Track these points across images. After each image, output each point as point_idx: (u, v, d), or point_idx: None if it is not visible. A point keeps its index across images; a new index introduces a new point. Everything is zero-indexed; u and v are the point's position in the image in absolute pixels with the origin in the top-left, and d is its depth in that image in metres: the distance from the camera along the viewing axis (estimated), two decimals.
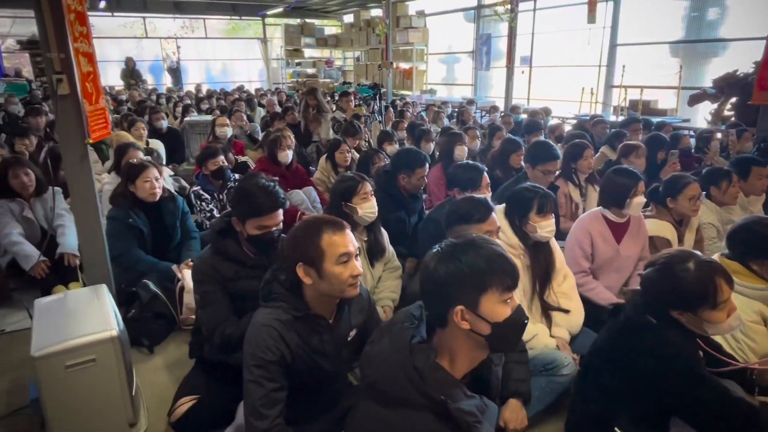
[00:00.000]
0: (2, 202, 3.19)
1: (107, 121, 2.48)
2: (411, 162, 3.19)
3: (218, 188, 3.87)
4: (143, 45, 15.01)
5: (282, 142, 4.21)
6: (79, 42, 2.23)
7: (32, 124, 5.75)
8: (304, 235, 1.59)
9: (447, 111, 8.64)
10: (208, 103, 9.16)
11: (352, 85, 14.03)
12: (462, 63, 12.94)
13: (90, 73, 2.33)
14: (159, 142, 5.49)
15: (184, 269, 2.87)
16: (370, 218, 2.55)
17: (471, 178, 2.68)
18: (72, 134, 2.29)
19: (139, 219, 2.96)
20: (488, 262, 1.17)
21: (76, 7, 2.24)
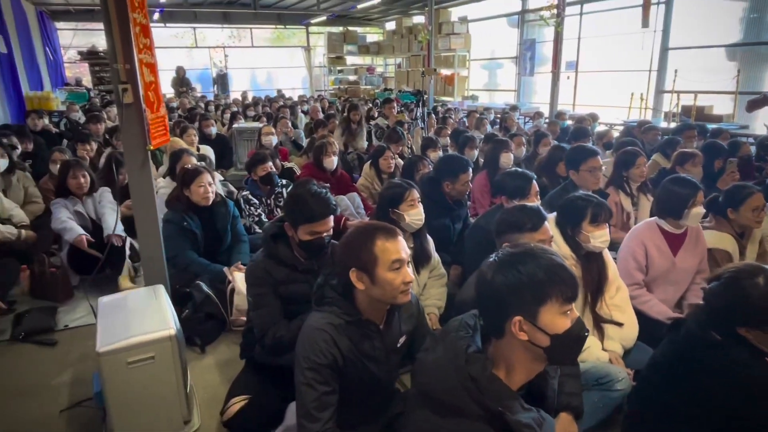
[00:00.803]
0: (61, 199, 3.48)
1: (166, 128, 2.59)
2: (454, 168, 3.18)
3: (266, 193, 3.97)
4: (193, 54, 15.62)
5: (328, 149, 4.28)
6: (143, 53, 2.35)
7: (92, 131, 6.07)
8: (357, 241, 1.61)
9: (489, 117, 8.56)
10: (254, 110, 9.42)
11: (393, 91, 14.12)
12: (504, 68, 12.81)
13: (152, 82, 2.45)
14: (209, 148, 5.69)
15: (234, 272, 2.96)
16: (416, 225, 2.55)
17: (519, 186, 2.64)
18: (135, 141, 2.40)
19: (192, 222, 3.07)
20: (548, 273, 1.15)
21: (141, 20, 2.36)
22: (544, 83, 10.25)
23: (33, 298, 3.27)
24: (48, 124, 7.07)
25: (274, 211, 4.02)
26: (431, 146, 4.79)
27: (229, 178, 5.83)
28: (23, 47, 9.19)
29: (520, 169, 2.77)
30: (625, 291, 2.33)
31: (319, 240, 2.09)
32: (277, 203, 4.01)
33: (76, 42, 14.22)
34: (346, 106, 9.63)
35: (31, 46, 9.95)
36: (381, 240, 1.59)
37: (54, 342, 2.81)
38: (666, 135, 5.61)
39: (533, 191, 2.65)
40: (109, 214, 3.45)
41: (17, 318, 2.99)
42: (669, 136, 5.01)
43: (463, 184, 3.18)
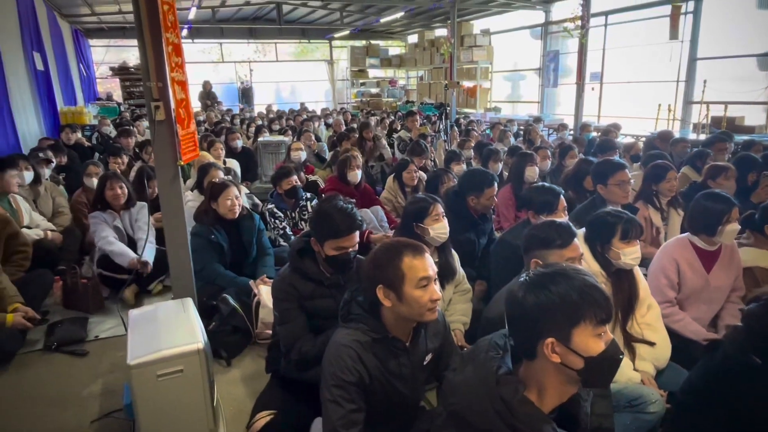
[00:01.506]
0: (99, 213, 3.53)
1: (196, 144, 2.65)
2: (479, 183, 3.17)
3: (291, 206, 4.02)
4: (219, 68, 16.00)
5: (351, 163, 4.31)
6: (174, 72, 2.41)
7: (123, 144, 6.25)
8: (385, 258, 1.61)
9: (513, 129, 8.51)
10: (278, 124, 9.55)
11: (415, 103, 14.18)
12: (527, 80, 12.75)
13: (183, 100, 2.51)
14: (235, 161, 5.79)
15: (260, 285, 2.99)
16: (441, 239, 2.54)
17: (547, 201, 2.61)
18: (166, 156, 2.46)
19: (219, 235, 3.12)
20: (581, 294, 1.13)
21: (174, 39, 2.43)
22: (568, 94, 10.16)
23: (65, 309, 3.36)
24: (81, 138, 7.30)
25: (299, 224, 4.05)
26: (455, 159, 4.78)
27: (254, 190, 5.91)
28: (59, 64, 9.54)
29: (548, 184, 2.74)
30: (656, 309, 2.27)
31: (345, 255, 2.09)
32: (301, 216, 4.05)
33: (107, 58, 14.72)
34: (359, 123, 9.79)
35: (66, 63, 10.33)
36: (408, 257, 1.59)
37: (85, 352, 2.87)
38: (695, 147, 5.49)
39: (561, 206, 2.62)
40: (148, 241, 3.54)
41: (50, 328, 3.07)
42: (699, 148, 4.90)
43: (489, 198, 3.16)
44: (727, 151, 4.86)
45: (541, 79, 11.66)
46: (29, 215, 3.87)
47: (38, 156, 4.62)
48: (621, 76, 9.68)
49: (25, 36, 7.16)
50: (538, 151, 4.80)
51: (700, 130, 7.32)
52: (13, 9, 6.81)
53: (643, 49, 9.19)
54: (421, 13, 12.75)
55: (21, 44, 7.02)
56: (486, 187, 3.14)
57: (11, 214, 3.68)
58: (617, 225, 2.14)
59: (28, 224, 3.81)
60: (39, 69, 7.85)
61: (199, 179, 3.99)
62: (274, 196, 4.12)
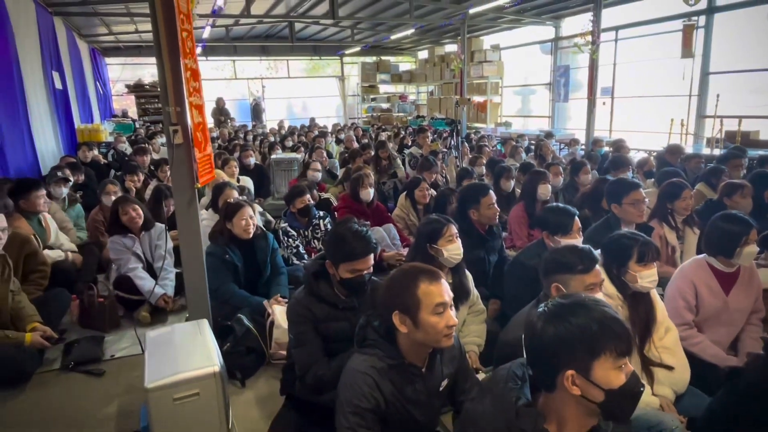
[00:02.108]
0: (117, 238, 3.55)
1: (212, 166, 2.69)
2: (474, 194, 3.19)
3: (304, 225, 4.04)
4: (232, 85, 16.22)
5: (364, 181, 4.34)
6: (192, 96, 2.46)
7: (139, 162, 6.35)
8: (400, 284, 1.62)
9: (524, 144, 8.51)
10: (291, 140, 9.63)
11: (426, 118, 14.24)
12: (538, 94, 12.77)
13: (200, 123, 2.56)
14: (248, 179, 5.84)
15: (273, 304, 3.00)
16: (455, 260, 2.54)
17: (562, 223, 2.61)
18: (183, 179, 2.50)
19: (234, 255, 3.15)
20: (601, 326, 1.13)
21: (192, 65, 2.48)
22: (579, 109, 10.15)
23: (81, 327, 3.39)
24: (97, 155, 7.43)
25: (312, 243, 4.07)
26: (467, 177, 4.79)
27: (267, 207, 5.95)
28: (77, 83, 9.76)
29: (562, 205, 2.74)
30: (674, 332, 2.24)
31: (360, 278, 2.10)
32: (314, 235, 4.07)
33: (123, 75, 15.03)
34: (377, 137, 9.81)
35: (83, 82, 10.56)
36: (424, 283, 1.60)
37: (102, 372, 2.89)
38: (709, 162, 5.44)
39: (576, 228, 2.61)
40: (170, 272, 3.62)
41: (67, 347, 3.11)
42: (713, 164, 4.86)
43: (488, 207, 3.16)
44: (743, 167, 4.81)
45: (552, 93, 11.67)
46: (56, 234, 3.94)
47: (56, 175, 4.71)
48: (632, 91, 9.67)
49: (45, 56, 7.35)
50: (549, 167, 4.80)
51: (713, 145, 7.26)
52: (35, 30, 7.00)
53: (654, 64, 9.17)
54: (432, 30, 12.86)
55: (41, 64, 7.20)
56: (481, 196, 3.16)
57: (40, 233, 3.75)
58: (633, 248, 2.13)
59: (52, 243, 3.87)
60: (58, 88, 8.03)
61: (214, 198, 4.03)
62: (287, 215, 4.15)
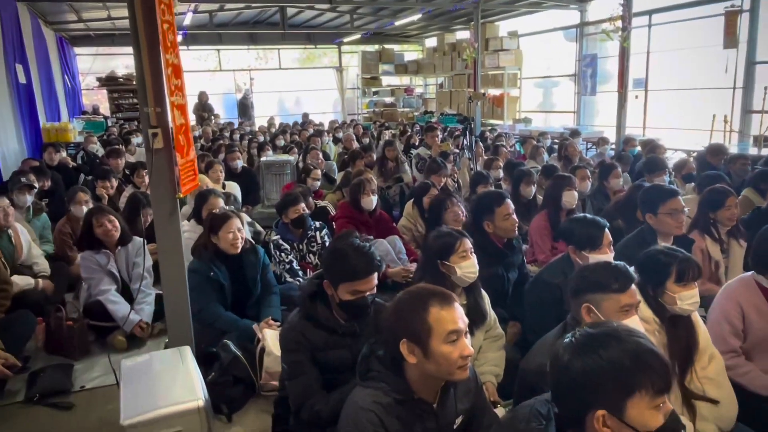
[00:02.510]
0: (89, 254, 3.58)
1: (196, 172, 2.72)
2: (488, 203, 3.20)
3: (298, 237, 4.06)
4: (216, 77, 16.35)
5: (366, 187, 4.35)
6: (174, 95, 2.49)
7: (112, 166, 6.39)
8: (409, 309, 1.63)
9: (546, 143, 8.53)
10: (282, 139, 9.67)
11: (435, 114, 14.29)
12: (561, 87, 12.81)
13: (182, 125, 2.59)
14: (235, 185, 5.88)
15: (264, 329, 3.01)
16: (470, 279, 2.55)
17: (590, 236, 2.62)
18: (164, 188, 2.53)
19: (220, 272, 3.17)
20: (635, 360, 1.14)
21: (173, 60, 2.51)
22: (608, 103, 10.17)
23: (48, 354, 3.41)
24: (65, 158, 7.48)
25: (307, 257, 4.09)
26: (482, 182, 4.80)
27: (256, 216, 5.96)
28: (42, 76, 9.84)
29: (590, 216, 2.74)
30: (719, 361, 2.24)
31: (362, 300, 2.11)
32: (309, 248, 4.09)
33: (95, 67, 15.15)
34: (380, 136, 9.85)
35: (50, 75, 10.65)
36: (435, 308, 1.61)
37: (71, 406, 2.90)
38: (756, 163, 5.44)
39: (606, 241, 2.62)
40: (149, 296, 3.64)
41: (32, 377, 3.11)
42: (761, 166, 4.86)
43: (505, 218, 3.15)
44: None
45: (577, 86, 11.71)
46: (28, 249, 3.96)
47: (20, 181, 4.73)
48: (668, 83, 9.68)
49: (7, 47, 7.43)
50: (576, 170, 4.81)
51: (761, 144, 7.26)
52: None
53: (693, 52, 9.19)
54: (441, 15, 12.93)
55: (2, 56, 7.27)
56: (496, 205, 3.17)
57: (9, 251, 3.78)
58: (671, 266, 2.13)
59: (23, 261, 3.90)
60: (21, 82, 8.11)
61: (197, 208, 4.06)
62: (279, 226, 4.16)
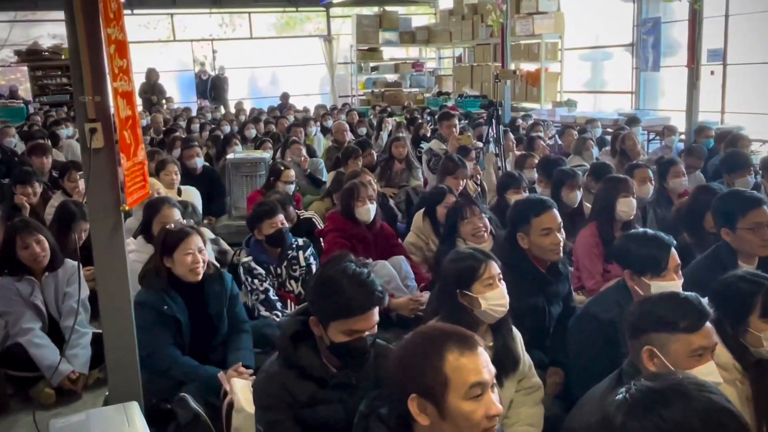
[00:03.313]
0: (8, 281, 3.60)
1: (146, 178, 2.75)
2: (525, 210, 3.22)
3: (275, 259, 4.09)
4: (169, 50, 16.46)
5: (362, 193, 4.38)
6: (119, 80, 2.53)
7: (36, 166, 6.42)
8: (419, 355, 1.65)
9: (596, 133, 8.56)
10: (254, 128, 9.72)
11: (451, 96, 14.34)
12: (615, 60, 12.88)
13: (129, 118, 2.62)
14: (194, 190, 5.91)
15: (233, 378, 3.03)
16: (497, 313, 2.57)
17: (652, 258, 2.65)
18: (104, 198, 2.56)
19: (175, 305, 3.19)
20: (706, 423, 1.16)
21: (118, 36, 2.55)
22: (675, 81, 10.19)
23: None
24: None
25: (287, 284, 4.13)
26: (512, 186, 4.82)
27: (221, 230, 6.01)
28: None
29: (651, 232, 2.77)
30: None
31: (359, 342, 2.13)
32: (290, 273, 4.12)
33: (12, 38, 15.21)
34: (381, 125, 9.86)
35: None
36: (453, 353, 1.63)
37: None
38: None
39: (672, 265, 2.65)
40: (85, 338, 3.64)
41: None
42: None
43: (543, 233, 3.13)
44: None
45: (635, 59, 11.77)
46: None
47: None
48: (753, 56, 9.70)
49: None
50: (634, 170, 4.82)
51: None
52: None
53: None
54: None
55: None
56: (533, 214, 3.16)
57: None
58: (756, 296, 2.17)
59: None
60: None
61: (146, 221, 4.09)
62: (251, 244, 4.19)
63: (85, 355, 3.64)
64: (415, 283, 4.25)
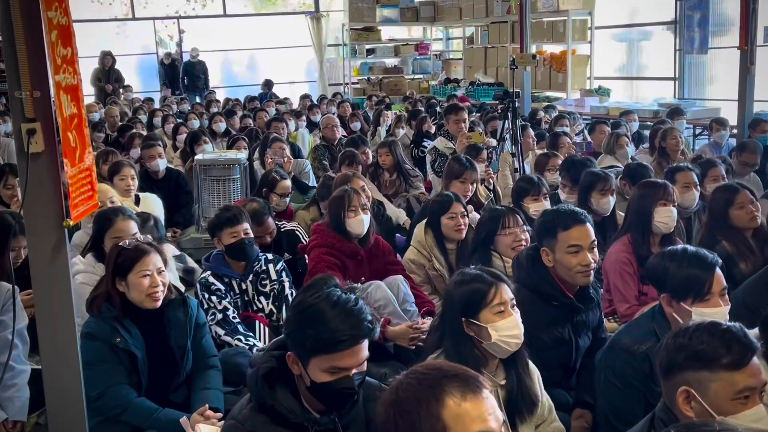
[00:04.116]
0: None
1: (94, 187, 2.74)
2: (551, 222, 3.24)
3: (241, 273, 4.13)
4: (128, 30, 16.47)
5: (353, 201, 4.38)
6: (62, 72, 2.53)
7: None
8: (414, 399, 1.64)
9: (632, 127, 8.54)
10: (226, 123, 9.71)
11: (461, 85, 14.36)
12: (654, 41, 12.89)
13: (74, 116, 2.62)
14: (155, 198, 5.90)
15: (198, 424, 3.02)
16: (511, 346, 2.57)
17: (692, 279, 2.65)
18: (45, 211, 2.55)
19: (130, 337, 3.18)
20: None
21: (61, 20, 2.56)
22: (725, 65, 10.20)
23: None
24: None
25: (255, 303, 4.15)
26: (531, 192, 4.81)
27: (188, 244, 6.01)
28: None
29: (692, 248, 2.77)
30: None
31: (345, 381, 2.13)
32: (259, 288, 4.18)
33: None
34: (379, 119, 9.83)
35: None
36: (454, 398, 1.62)
37: None
38: None
39: (717, 288, 2.65)
40: (23, 378, 3.54)
41: None
42: None
43: (569, 251, 3.13)
44: None
45: (679, 39, 11.79)
46: None
47: None
48: None
49: None
50: (675, 173, 4.82)
51: None
52: None
53: None
54: None
55: None
56: (561, 228, 3.17)
57: None
58: None
59: None
60: None
61: (96, 236, 4.07)
62: (212, 255, 4.24)
63: (22, 397, 3.52)
64: (416, 308, 4.24)
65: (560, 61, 12.58)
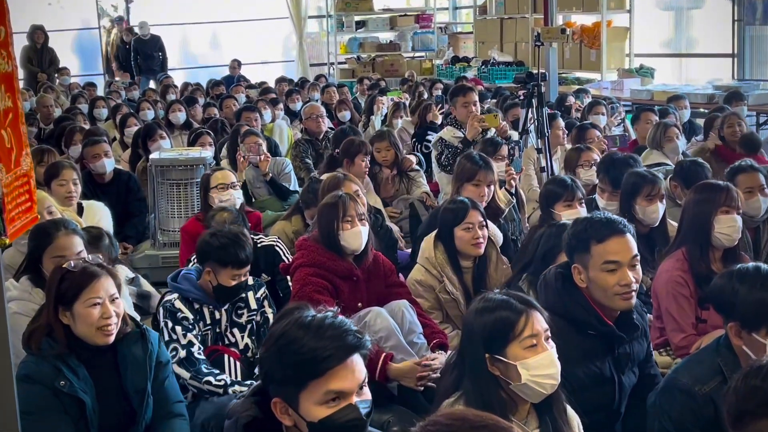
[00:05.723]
0: None
1: (33, 198, 2.73)
2: (583, 233, 3.25)
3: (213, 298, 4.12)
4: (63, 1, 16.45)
5: (348, 210, 4.37)
6: None
7: None
8: None
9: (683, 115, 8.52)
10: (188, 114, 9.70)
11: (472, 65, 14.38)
12: (706, 11, 12.93)
13: (9, 110, 2.61)
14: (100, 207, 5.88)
15: None
16: (545, 388, 2.58)
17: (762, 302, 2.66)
18: None
19: (76, 380, 3.17)
20: None
21: None
22: None
23: None
24: None
25: (227, 335, 4.15)
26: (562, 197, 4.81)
27: (141, 262, 6.00)
28: None
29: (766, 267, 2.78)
30: None
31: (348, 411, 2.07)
32: (234, 318, 4.17)
33: None
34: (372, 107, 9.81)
35: None
36: None
37: None
38: None
39: None
40: None
41: None
42: None
43: (609, 267, 3.14)
44: None
45: (738, 8, 11.82)
46: None
47: None
48: None
49: None
50: (738, 174, 4.83)
51: None
52: None
53: None
54: None
55: None
56: (595, 240, 3.18)
57: None
58: None
59: None
60: None
61: (33, 254, 4.07)
62: (180, 277, 4.21)
63: None
64: (424, 340, 4.23)
65: (593, 34, 12.58)
